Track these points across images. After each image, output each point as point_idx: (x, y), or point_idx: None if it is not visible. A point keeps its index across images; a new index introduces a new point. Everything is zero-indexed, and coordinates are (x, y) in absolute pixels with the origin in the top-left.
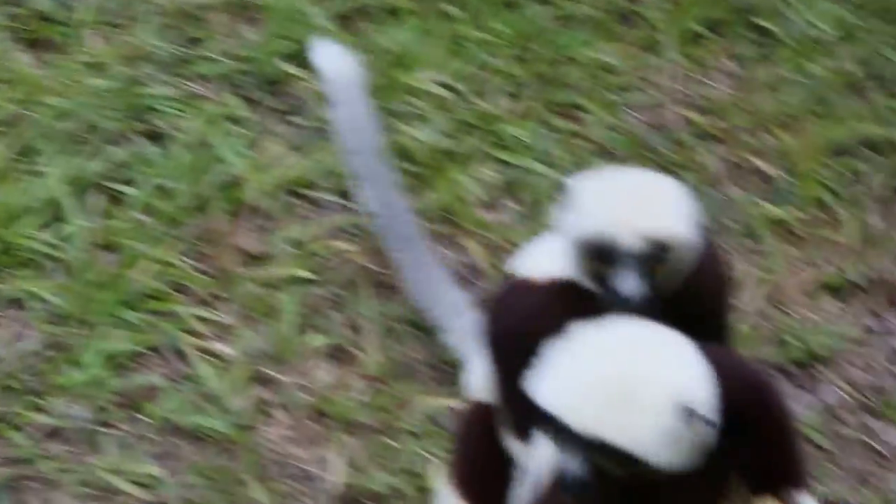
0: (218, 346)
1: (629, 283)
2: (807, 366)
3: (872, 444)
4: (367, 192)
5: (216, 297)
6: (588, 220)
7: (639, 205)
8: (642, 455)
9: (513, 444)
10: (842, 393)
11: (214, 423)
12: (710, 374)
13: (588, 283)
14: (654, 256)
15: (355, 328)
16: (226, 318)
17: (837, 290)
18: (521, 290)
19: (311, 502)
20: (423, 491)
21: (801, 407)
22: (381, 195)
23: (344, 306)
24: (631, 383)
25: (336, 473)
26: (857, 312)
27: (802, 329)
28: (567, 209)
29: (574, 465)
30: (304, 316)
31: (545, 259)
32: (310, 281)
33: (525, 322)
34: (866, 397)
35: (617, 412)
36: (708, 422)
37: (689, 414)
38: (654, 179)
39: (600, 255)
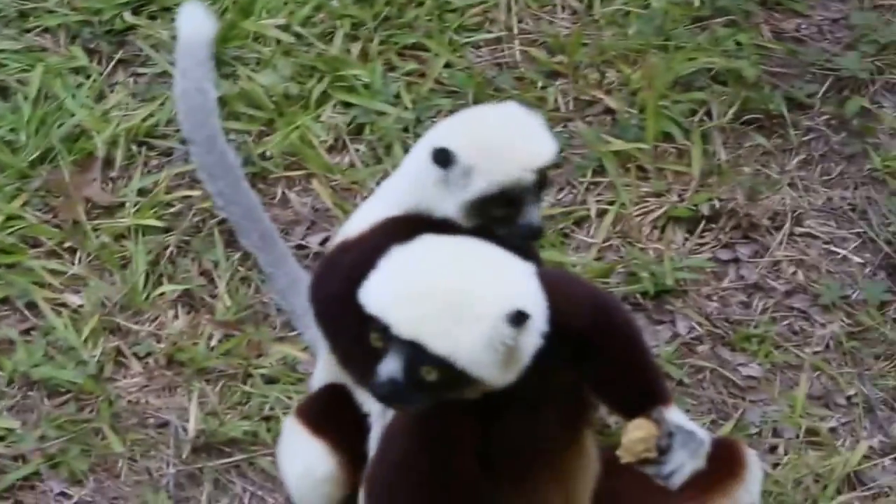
0: (70, 298)
1: (536, 214)
2: (658, 298)
3: (727, 375)
4: (213, 190)
5: (66, 249)
6: (488, 175)
7: (523, 141)
8: (461, 364)
9: (363, 398)
10: (694, 325)
11: (69, 374)
12: (543, 292)
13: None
14: (541, 183)
15: (207, 275)
16: (77, 270)
17: (686, 222)
18: (338, 251)
19: (168, 450)
20: (280, 436)
21: (655, 340)
22: (227, 193)
23: (195, 253)
24: (457, 291)
25: (192, 421)
26: (706, 243)
27: (653, 262)
28: (454, 174)
29: (390, 368)
30: (154, 264)
31: (363, 217)
32: (160, 229)
33: (348, 274)
34: (719, 328)
35: (440, 318)
36: (529, 333)
37: (511, 323)
38: (512, 111)
39: (508, 200)
